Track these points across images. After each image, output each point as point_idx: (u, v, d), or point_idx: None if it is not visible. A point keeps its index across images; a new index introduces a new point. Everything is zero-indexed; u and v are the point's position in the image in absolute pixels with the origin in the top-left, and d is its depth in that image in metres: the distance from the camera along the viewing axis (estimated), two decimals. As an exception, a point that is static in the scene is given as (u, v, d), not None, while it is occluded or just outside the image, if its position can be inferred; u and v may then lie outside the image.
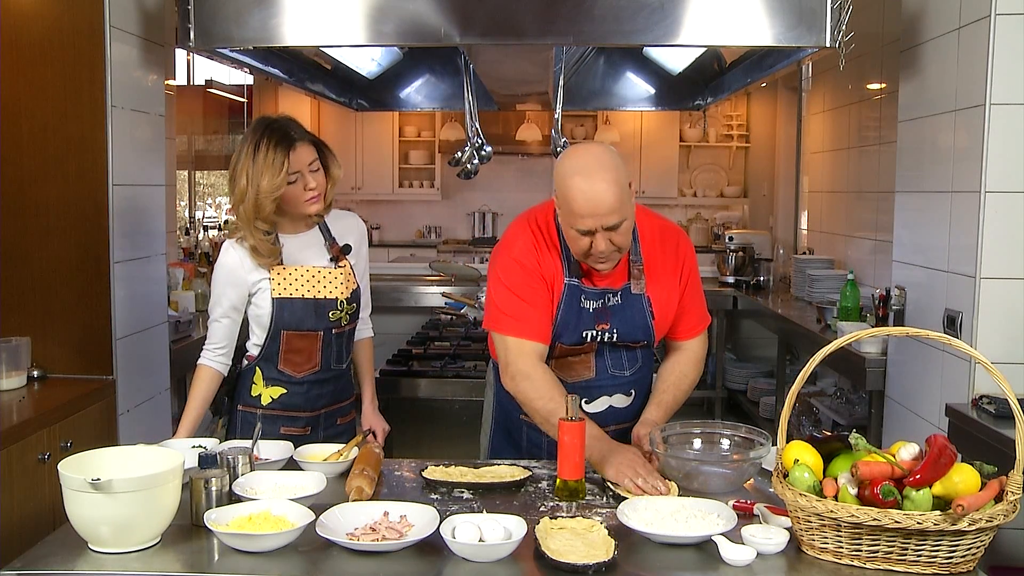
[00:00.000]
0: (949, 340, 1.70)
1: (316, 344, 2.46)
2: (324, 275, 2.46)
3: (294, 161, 2.32)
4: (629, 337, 2.29)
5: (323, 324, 2.45)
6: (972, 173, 2.79)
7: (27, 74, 2.95)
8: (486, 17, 2.86)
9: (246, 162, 2.31)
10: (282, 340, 2.44)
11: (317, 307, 2.44)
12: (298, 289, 2.43)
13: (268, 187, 2.30)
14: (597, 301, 2.26)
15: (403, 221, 8.81)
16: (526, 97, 5.53)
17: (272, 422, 2.45)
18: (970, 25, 2.82)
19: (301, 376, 2.48)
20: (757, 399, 5.75)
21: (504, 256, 2.28)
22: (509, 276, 2.25)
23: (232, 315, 2.47)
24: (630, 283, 2.27)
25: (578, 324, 2.25)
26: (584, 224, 2.07)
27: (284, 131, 2.34)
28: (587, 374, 2.31)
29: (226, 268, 2.43)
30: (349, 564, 1.64)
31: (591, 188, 2.05)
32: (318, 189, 2.39)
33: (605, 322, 2.26)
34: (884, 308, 3.65)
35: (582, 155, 2.13)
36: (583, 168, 2.07)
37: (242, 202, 2.33)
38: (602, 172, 2.06)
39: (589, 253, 2.14)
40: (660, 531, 1.73)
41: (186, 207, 6.85)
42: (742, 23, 2.80)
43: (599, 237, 2.09)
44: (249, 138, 2.33)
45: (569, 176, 2.08)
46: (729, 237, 6.07)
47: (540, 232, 2.26)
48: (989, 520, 1.55)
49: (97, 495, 1.61)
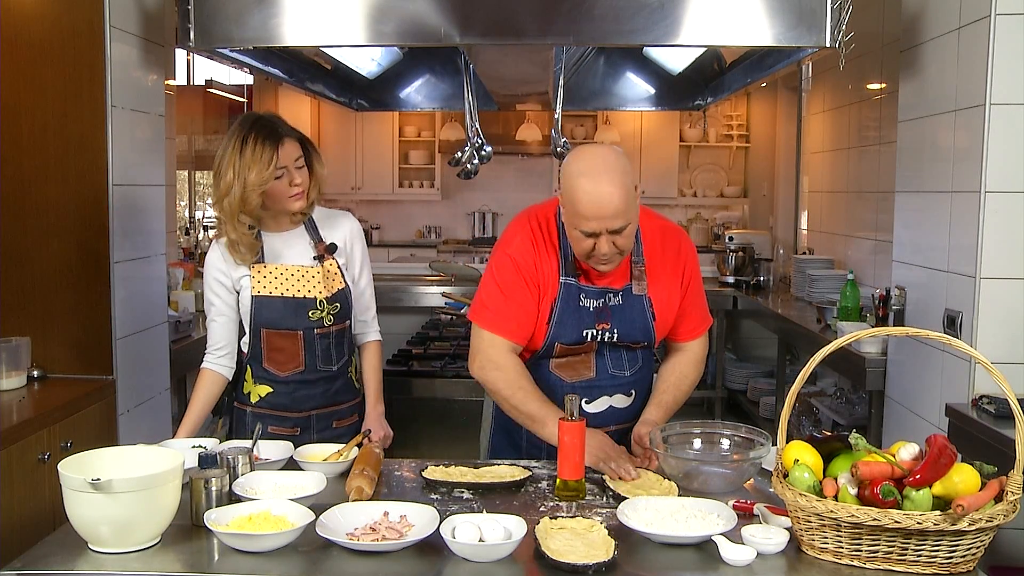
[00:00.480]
0: (949, 340, 1.70)
1: (297, 344, 2.45)
2: (303, 273, 2.45)
3: (281, 156, 2.34)
4: (629, 338, 2.29)
5: (303, 324, 2.44)
6: (972, 173, 2.79)
7: (27, 74, 2.95)
8: (486, 17, 2.86)
9: (233, 156, 2.32)
10: (263, 338, 2.45)
11: (296, 306, 2.43)
12: (277, 288, 2.43)
13: (256, 181, 2.31)
14: (597, 300, 2.26)
15: (403, 221, 8.81)
16: (526, 97, 5.54)
17: (261, 421, 2.42)
18: (970, 25, 2.82)
19: (285, 375, 2.47)
20: (757, 399, 5.75)
21: (500, 251, 2.29)
22: (500, 272, 2.26)
23: (227, 313, 2.47)
24: (631, 284, 2.27)
25: (578, 323, 2.25)
26: (588, 226, 2.07)
27: (272, 126, 2.35)
28: (587, 374, 2.31)
29: (212, 266, 2.46)
30: (349, 564, 1.64)
31: (597, 190, 2.05)
32: (302, 186, 2.40)
33: (606, 321, 2.26)
34: (884, 308, 3.65)
35: (590, 156, 2.13)
36: (590, 170, 2.08)
37: (227, 195, 2.33)
38: (609, 175, 2.06)
39: (591, 255, 2.14)
40: (660, 531, 1.73)
41: (186, 207, 6.85)
42: (742, 23, 2.79)
43: (603, 239, 2.09)
44: (236, 133, 2.34)
45: (576, 177, 2.08)
46: (729, 237, 6.07)
47: (540, 230, 2.27)
48: (989, 520, 1.55)
49: (97, 495, 1.61)
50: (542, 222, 2.28)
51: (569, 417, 1.98)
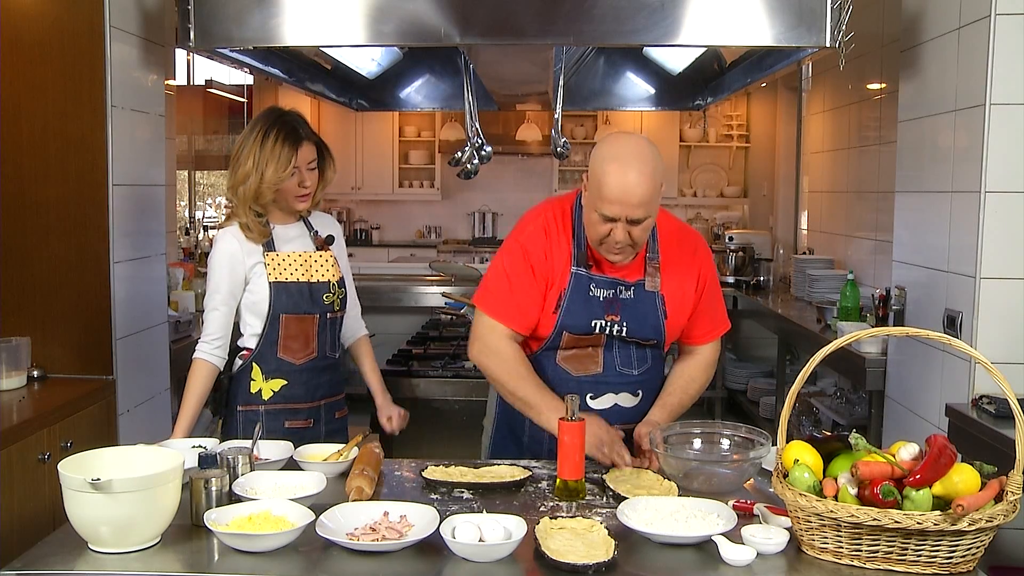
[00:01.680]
0: (949, 340, 1.70)
1: (313, 328, 2.51)
2: (315, 259, 2.54)
3: (298, 157, 2.43)
4: (639, 333, 2.29)
5: (318, 308, 2.52)
6: (972, 173, 2.79)
7: (27, 74, 2.95)
8: (486, 17, 2.86)
9: (254, 147, 2.41)
10: (281, 325, 2.48)
11: (312, 290, 2.51)
12: (292, 273, 2.49)
13: (272, 178, 2.40)
14: (608, 291, 2.26)
15: (403, 221, 8.80)
16: (526, 97, 5.53)
17: (275, 418, 2.47)
18: (970, 25, 2.82)
19: (301, 363, 2.51)
20: (757, 399, 5.75)
21: (512, 238, 2.32)
22: (509, 259, 2.28)
23: (229, 303, 2.50)
24: (644, 279, 2.28)
25: (587, 312, 2.25)
26: (610, 210, 2.08)
27: (293, 127, 2.45)
28: (594, 368, 2.31)
29: (225, 252, 2.49)
30: (349, 564, 1.64)
31: (625, 176, 2.06)
32: (310, 188, 2.50)
33: (615, 313, 2.27)
34: (884, 308, 3.65)
35: (625, 143, 2.16)
36: (623, 156, 2.09)
37: (243, 183, 2.43)
38: (640, 164, 2.08)
39: (604, 240, 2.15)
40: (660, 531, 1.73)
41: (186, 207, 6.86)
42: (742, 23, 2.79)
43: (619, 227, 2.10)
44: (260, 124, 2.44)
45: (607, 161, 2.10)
46: (729, 237, 6.07)
47: (555, 219, 2.29)
48: (989, 520, 1.55)
49: (97, 495, 1.61)
50: (558, 212, 2.30)
51: (569, 417, 1.98)
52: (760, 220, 7.85)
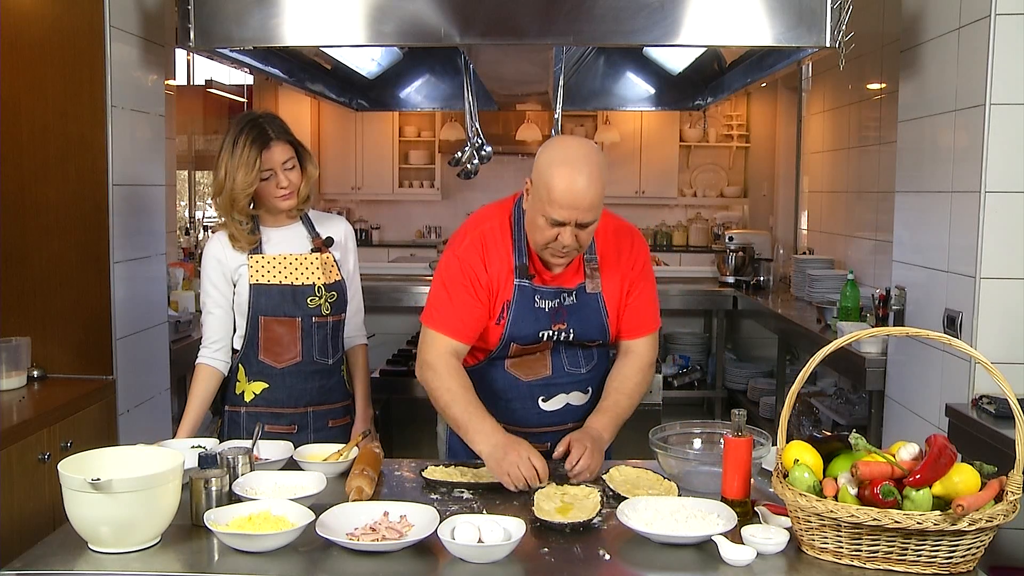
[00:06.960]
0: (949, 340, 1.70)
1: (295, 332, 2.47)
2: (301, 261, 2.50)
3: (267, 159, 2.40)
4: (585, 336, 2.28)
5: (301, 311, 2.47)
6: (972, 173, 2.79)
7: (27, 74, 2.95)
8: (486, 17, 2.86)
9: (225, 155, 2.41)
10: (260, 326, 2.46)
11: (295, 293, 2.47)
12: (275, 276, 2.47)
13: (241, 183, 2.39)
14: (553, 300, 2.24)
15: (403, 221, 8.81)
16: (526, 97, 5.53)
17: (255, 421, 2.39)
18: (970, 25, 2.82)
19: (282, 367, 2.48)
20: (757, 399, 5.75)
21: (449, 251, 2.27)
22: (446, 272, 2.24)
23: (223, 305, 2.50)
24: (584, 282, 2.26)
25: (534, 324, 2.23)
26: (559, 215, 2.05)
27: (261, 129, 2.41)
28: (543, 371, 2.30)
29: (212, 257, 2.50)
30: (349, 564, 1.64)
31: (575, 181, 2.04)
32: (290, 187, 2.46)
33: (562, 322, 2.25)
34: (884, 308, 3.65)
35: (571, 147, 2.12)
36: (572, 160, 2.06)
37: (220, 193, 2.43)
38: (589, 168, 2.06)
39: (549, 245, 2.12)
40: (660, 531, 1.73)
41: (186, 207, 6.86)
42: (742, 23, 2.80)
43: (567, 231, 2.08)
44: (231, 131, 2.43)
45: (556, 165, 2.07)
46: (729, 237, 6.07)
47: (493, 229, 2.25)
48: (989, 520, 1.55)
49: (97, 495, 1.61)
50: (495, 220, 2.26)
51: (735, 432, 1.88)
52: (760, 220, 7.85)
